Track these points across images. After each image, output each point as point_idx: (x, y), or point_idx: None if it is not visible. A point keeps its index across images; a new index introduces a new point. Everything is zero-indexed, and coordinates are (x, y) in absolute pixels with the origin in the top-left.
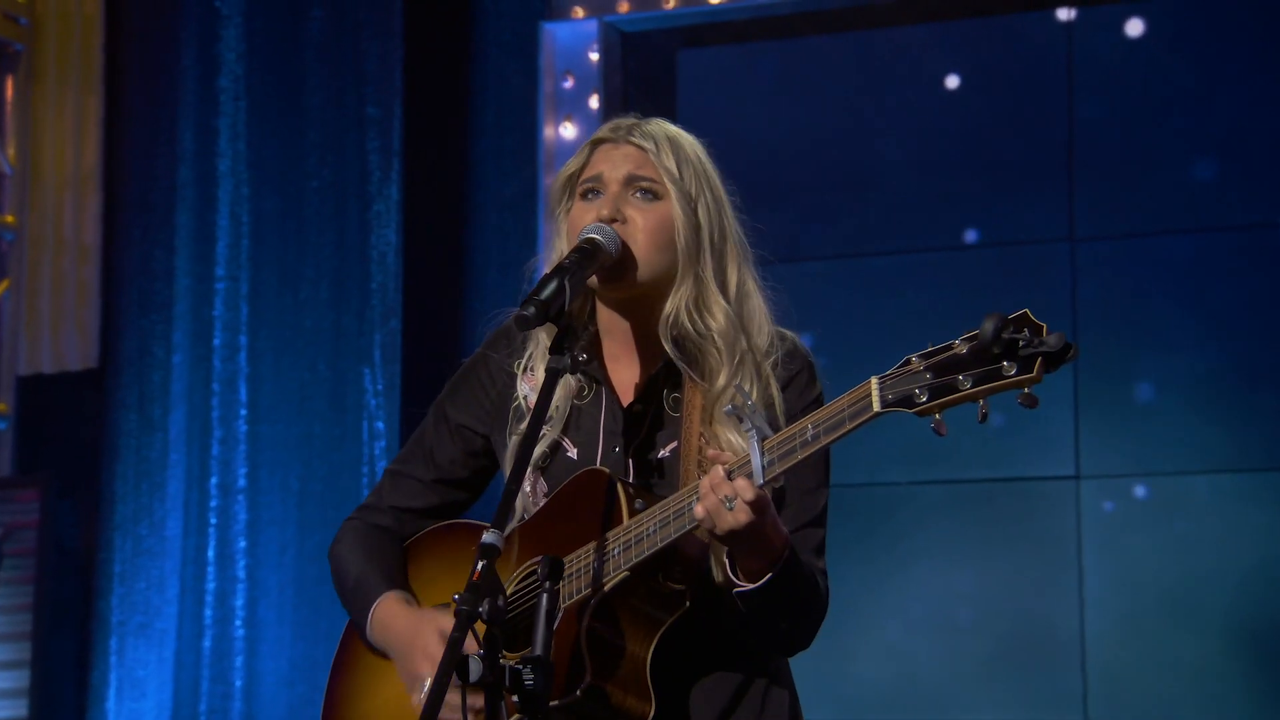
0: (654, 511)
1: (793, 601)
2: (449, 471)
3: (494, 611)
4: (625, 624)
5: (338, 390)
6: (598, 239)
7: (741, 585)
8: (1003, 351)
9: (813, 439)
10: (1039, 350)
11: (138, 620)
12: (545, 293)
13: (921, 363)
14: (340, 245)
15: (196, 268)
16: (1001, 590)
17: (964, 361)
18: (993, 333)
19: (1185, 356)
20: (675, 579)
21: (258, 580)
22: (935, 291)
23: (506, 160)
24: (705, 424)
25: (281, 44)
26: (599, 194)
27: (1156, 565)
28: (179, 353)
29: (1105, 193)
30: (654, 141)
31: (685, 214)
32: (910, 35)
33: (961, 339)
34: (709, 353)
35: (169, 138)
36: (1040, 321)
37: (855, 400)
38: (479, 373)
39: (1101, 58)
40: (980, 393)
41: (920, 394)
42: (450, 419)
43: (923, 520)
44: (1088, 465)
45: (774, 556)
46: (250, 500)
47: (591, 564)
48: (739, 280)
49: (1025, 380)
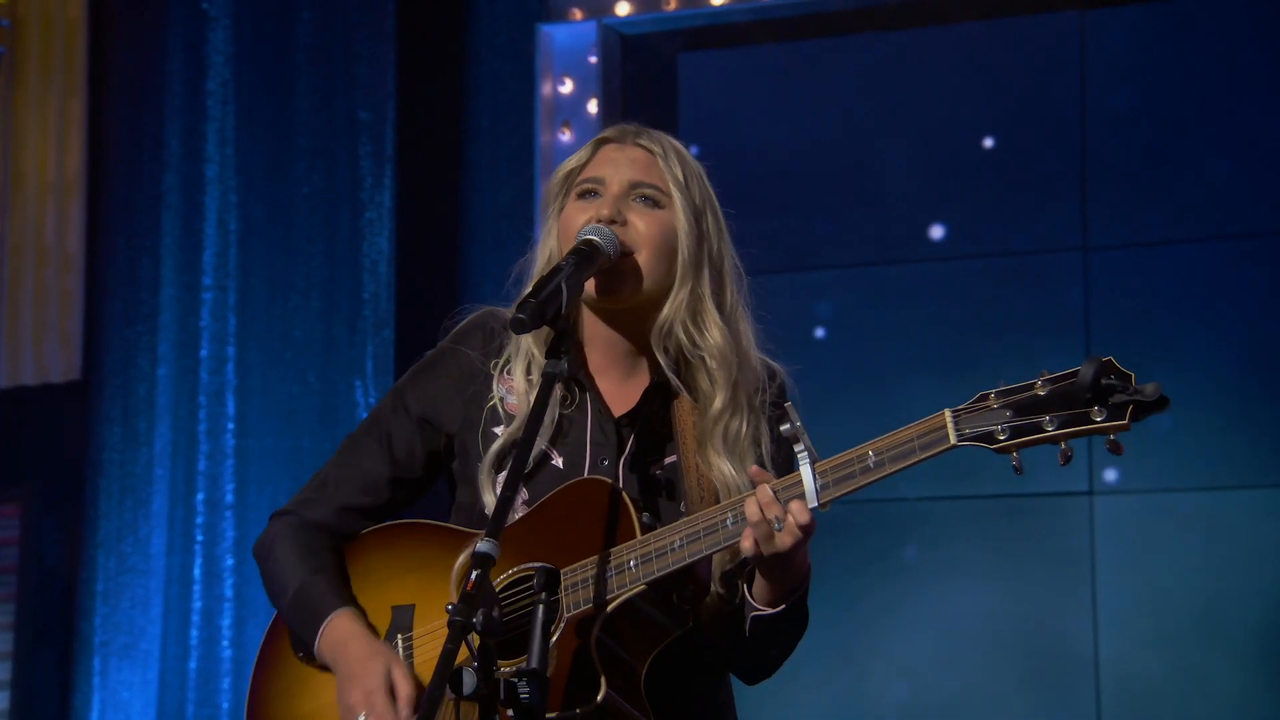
0: (679, 526)
1: (795, 630)
2: (405, 469)
3: (489, 624)
4: (630, 638)
5: (328, 403)
6: (596, 241)
7: (760, 610)
8: (1095, 396)
9: (875, 465)
10: (1133, 399)
11: (121, 640)
12: (542, 295)
13: (999, 400)
14: (331, 253)
15: (183, 277)
16: (1015, 609)
17: (1046, 403)
18: (1091, 378)
19: (1203, 368)
20: (686, 597)
21: (245, 599)
22: (944, 302)
23: (502, 166)
24: (700, 449)
25: (271, 46)
26: (597, 195)
27: (1175, 584)
28: (164, 364)
29: (1119, 200)
30: (661, 148)
31: (689, 224)
32: (916, 38)
33: (1043, 380)
34: (700, 372)
35: (154, 143)
36: (1128, 370)
37: (928, 431)
38: (448, 368)
39: (1115, 61)
40: (1064, 435)
41: (1001, 432)
42: (411, 410)
43: (933, 536)
44: (1102, 481)
45: (795, 584)
46: (238, 517)
47: (599, 575)
48: (733, 304)
49: (1115, 428)
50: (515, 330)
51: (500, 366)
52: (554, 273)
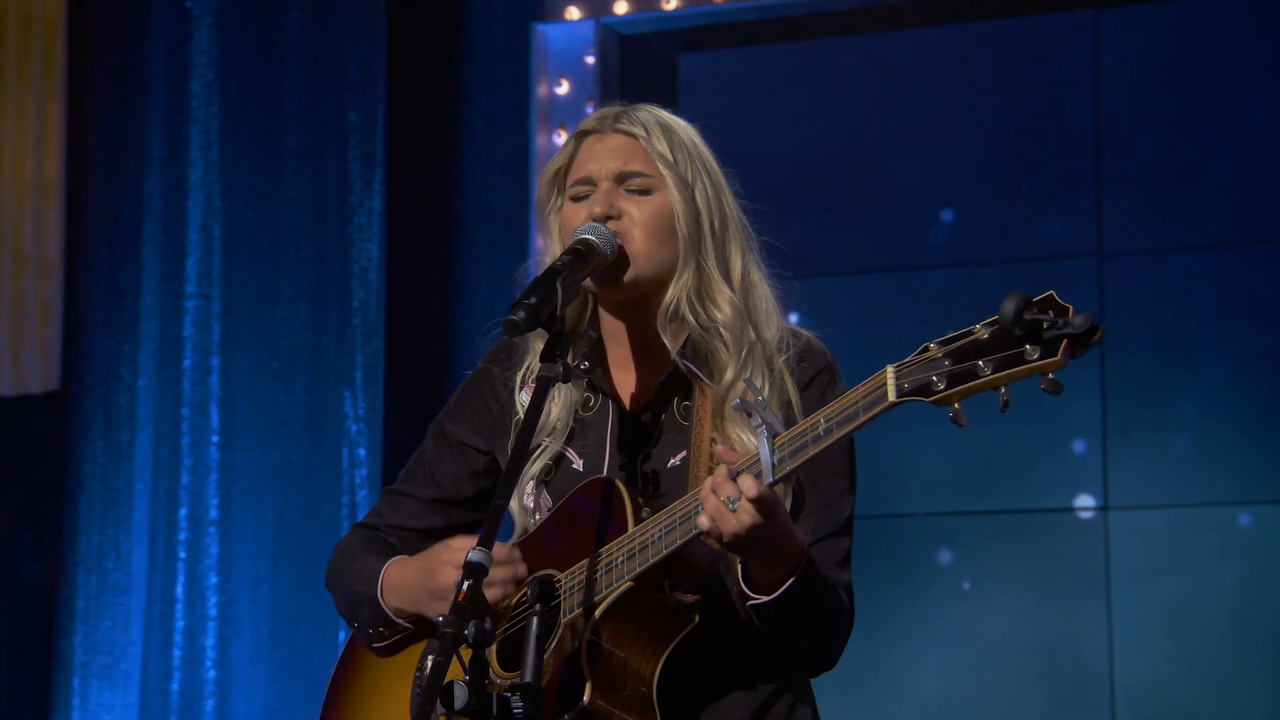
0: (659, 517)
1: (812, 616)
2: (451, 490)
3: (480, 635)
4: (630, 639)
5: (316, 415)
6: (592, 240)
7: (755, 598)
8: (1025, 334)
9: (825, 433)
10: (1063, 332)
11: (102, 661)
12: (535, 296)
13: (940, 349)
14: (319, 260)
15: (165, 284)
16: (1028, 629)
17: (985, 346)
18: (1013, 313)
19: (1223, 378)
20: (684, 590)
21: (230, 619)
22: (953, 311)
23: (497, 170)
24: (716, 425)
25: (257, 46)
26: (589, 196)
27: (1193, 605)
28: (146, 375)
29: (1135, 204)
30: (643, 127)
31: (683, 200)
32: (926, 38)
33: (983, 324)
34: (717, 349)
35: (136, 146)
36: (1066, 302)
37: (870, 390)
38: (480, 388)
39: (1131, 61)
40: (1001, 379)
41: (938, 381)
42: (450, 436)
43: (943, 553)
44: (1117, 496)
45: (789, 566)
46: (222, 533)
47: (592, 576)
48: (743, 268)
49: (1049, 365)
50: (507, 333)
51: (522, 377)
52: (549, 274)
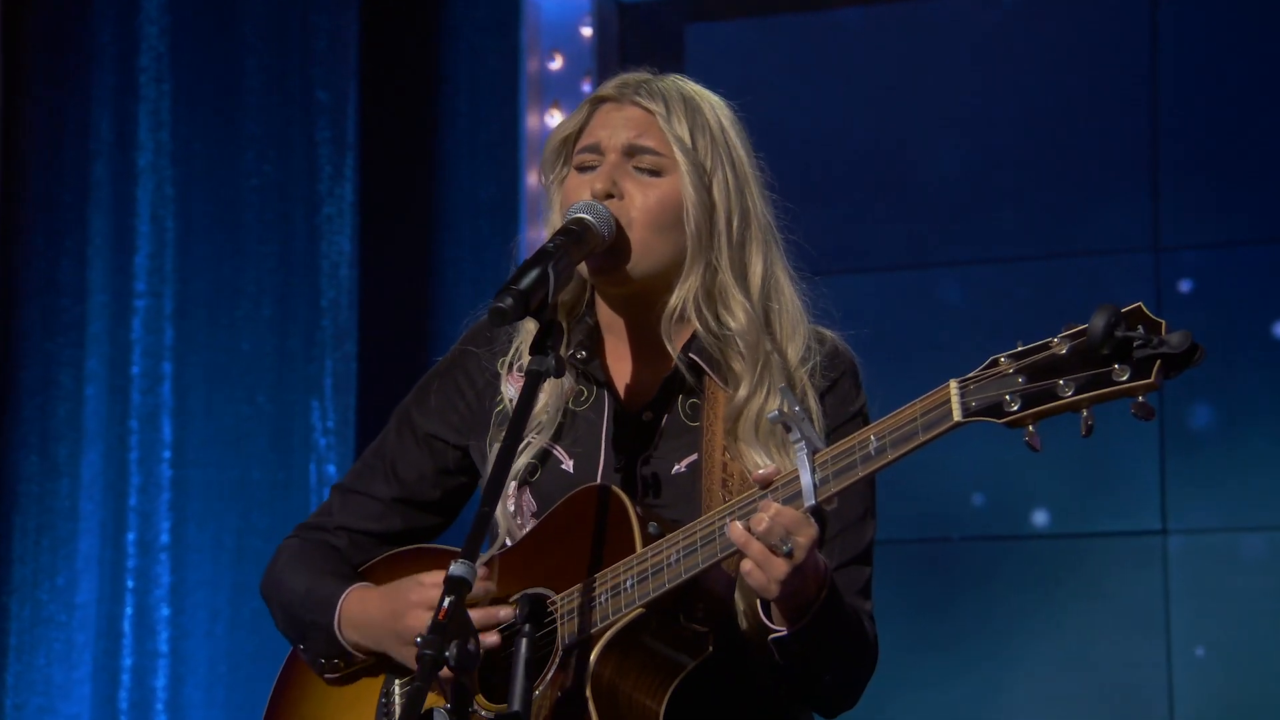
0: (676, 537)
1: (837, 648)
2: (415, 490)
3: (463, 657)
4: (635, 671)
5: (281, 427)
6: (587, 219)
7: (777, 630)
8: (1113, 353)
9: (876, 453)
10: (1158, 352)
11: (36, 703)
12: (525, 282)
13: (1011, 364)
14: (284, 255)
15: (112, 282)
16: (1083, 659)
17: (1065, 364)
18: (1104, 330)
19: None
20: (698, 618)
21: (183, 655)
22: (998, 309)
23: (482, 155)
24: (729, 439)
25: (213, 16)
26: (595, 167)
27: (1259, 634)
28: (91, 383)
29: (1194, 196)
30: (664, 102)
31: (696, 190)
32: (962, 7)
33: (1061, 336)
34: (732, 356)
35: (79, 128)
36: (1157, 317)
37: (931, 407)
38: (455, 374)
39: (1190, 45)
40: (1085, 401)
41: (1011, 401)
42: (418, 428)
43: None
44: (1176, 518)
45: (812, 594)
46: (174, 559)
47: (596, 599)
48: (765, 272)
49: (1141, 388)
50: (493, 322)
51: (508, 363)
52: (540, 256)
